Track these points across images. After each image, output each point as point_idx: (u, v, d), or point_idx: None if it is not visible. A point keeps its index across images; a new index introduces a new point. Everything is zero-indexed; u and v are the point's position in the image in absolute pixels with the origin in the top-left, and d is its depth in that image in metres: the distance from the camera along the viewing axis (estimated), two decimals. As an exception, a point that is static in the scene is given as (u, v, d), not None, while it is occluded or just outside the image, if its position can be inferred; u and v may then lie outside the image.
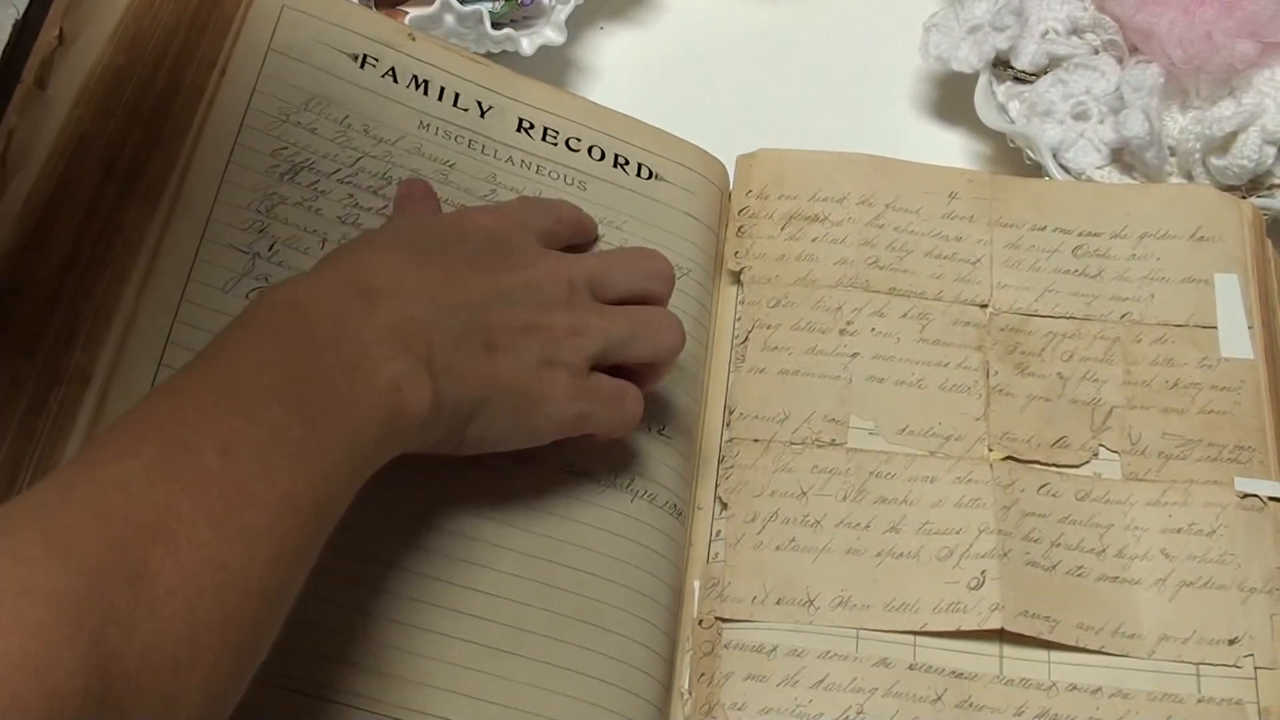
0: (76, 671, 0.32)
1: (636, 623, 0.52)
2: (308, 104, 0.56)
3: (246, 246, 0.53)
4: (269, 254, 0.53)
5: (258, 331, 0.43)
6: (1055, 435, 0.58)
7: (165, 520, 0.36)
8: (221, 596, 0.36)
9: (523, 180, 0.60)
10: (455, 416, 0.46)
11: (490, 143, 0.60)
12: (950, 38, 0.69)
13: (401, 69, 0.59)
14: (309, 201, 0.55)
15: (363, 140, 0.57)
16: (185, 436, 0.38)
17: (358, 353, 0.43)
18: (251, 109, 0.55)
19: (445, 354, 0.46)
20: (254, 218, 0.53)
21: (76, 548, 0.34)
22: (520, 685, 0.49)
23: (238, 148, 0.54)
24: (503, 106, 0.61)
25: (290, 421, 0.40)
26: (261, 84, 0.56)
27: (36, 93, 0.52)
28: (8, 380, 0.47)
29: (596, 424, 0.51)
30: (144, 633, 0.34)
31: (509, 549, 0.51)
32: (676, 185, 0.62)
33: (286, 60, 0.57)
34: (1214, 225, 0.63)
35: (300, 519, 0.39)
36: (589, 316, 0.51)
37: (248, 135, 0.55)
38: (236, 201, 0.53)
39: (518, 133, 0.61)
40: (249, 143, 0.54)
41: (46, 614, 0.32)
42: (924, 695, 0.52)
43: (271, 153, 0.55)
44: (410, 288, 0.46)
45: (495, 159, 0.60)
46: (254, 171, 0.54)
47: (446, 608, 0.50)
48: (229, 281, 0.52)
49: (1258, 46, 0.66)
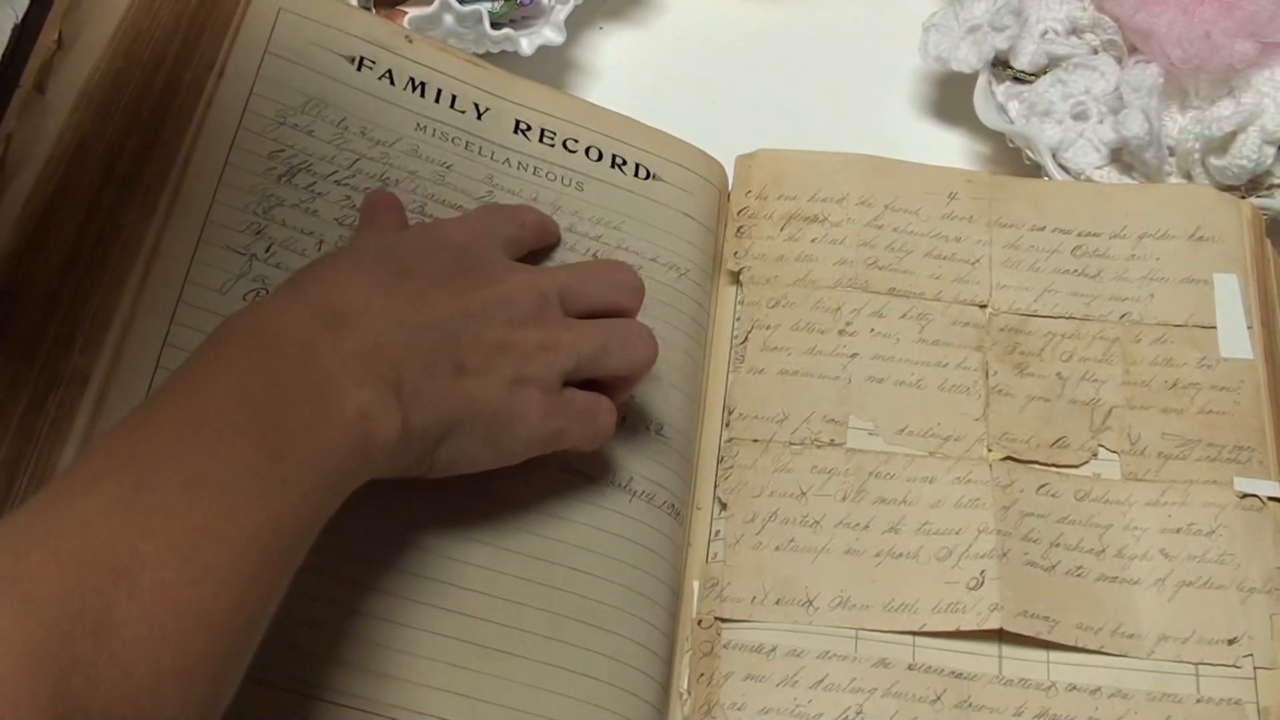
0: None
1: (634, 623, 0.52)
2: (305, 106, 0.57)
3: (243, 248, 0.53)
4: (266, 255, 0.53)
5: (222, 360, 0.42)
6: (1054, 435, 0.58)
7: (127, 564, 0.35)
8: (186, 641, 0.35)
9: (520, 182, 0.60)
10: (425, 441, 0.46)
11: (487, 144, 0.60)
12: (949, 37, 0.69)
13: (399, 71, 0.59)
14: (306, 203, 0.55)
15: (360, 142, 0.57)
16: (147, 474, 0.37)
17: (324, 381, 0.42)
18: (249, 111, 0.55)
19: (414, 379, 0.45)
20: (251, 219, 0.53)
21: (36, 595, 0.33)
22: (517, 685, 0.49)
23: (235, 149, 0.54)
24: (500, 108, 0.61)
25: (255, 456, 0.39)
26: (259, 86, 0.56)
27: (35, 96, 0.52)
28: (6, 382, 0.48)
29: (570, 440, 0.51)
30: (108, 682, 0.33)
31: (506, 549, 0.52)
32: (674, 185, 0.62)
33: (283, 63, 0.57)
34: (1213, 225, 0.62)
35: (265, 556, 0.38)
36: (560, 331, 0.50)
37: (245, 137, 0.55)
38: (234, 203, 0.53)
39: (515, 134, 0.61)
40: (246, 145, 0.54)
41: (5, 666, 0.32)
42: (923, 695, 0.52)
43: (269, 155, 0.55)
44: (377, 311, 0.45)
45: (492, 160, 0.60)
46: (251, 173, 0.54)
47: (443, 608, 0.50)
48: (226, 283, 0.52)
49: (1257, 46, 0.66)
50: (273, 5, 0.58)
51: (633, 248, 0.60)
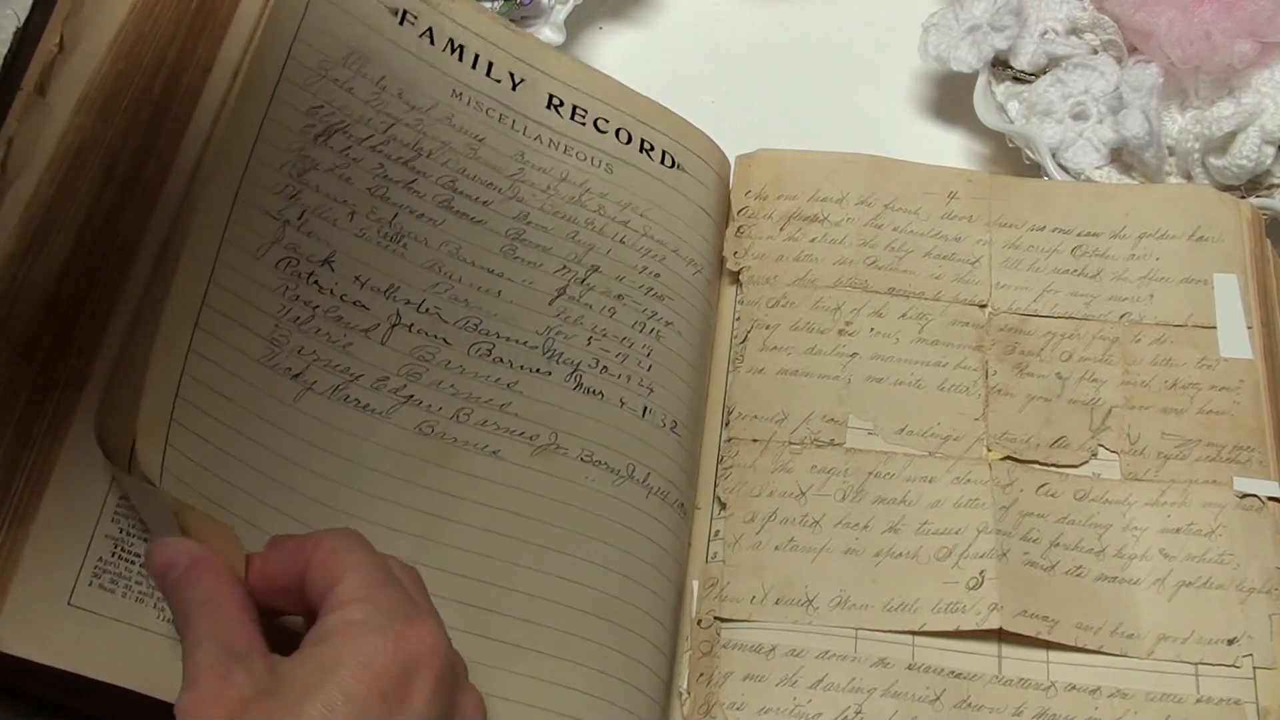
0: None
1: (646, 619, 0.52)
2: (346, 59, 0.55)
3: (278, 212, 0.51)
4: (299, 222, 0.52)
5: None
6: (1054, 435, 0.58)
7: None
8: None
9: (550, 160, 0.59)
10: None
11: (521, 118, 0.59)
12: (949, 37, 0.69)
13: (439, 30, 0.59)
14: (340, 169, 0.54)
15: (396, 105, 0.56)
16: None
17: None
18: (291, 59, 0.54)
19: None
20: (286, 181, 0.52)
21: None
22: (533, 680, 0.49)
23: (275, 102, 0.53)
24: (534, 80, 0.61)
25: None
26: (303, 32, 0.54)
27: (37, 99, 0.52)
28: (5, 384, 0.48)
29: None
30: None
31: (524, 541, 0.51)
32: (694, 177, 0.62)
33: (329, 7, 0.56)
34: (1213, 225, 0.63)
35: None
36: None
37: (286, 89, 0.53)
38: (271, 161, 0.52)
39: (547, 109, 0.60)
40: (287, 96, 0.53)
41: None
42: (923, 695, 0.52)
43: (308, 110, 0.54)
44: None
45: (525, 136, 0.59)
46: (289, 130, 0.53)
47: (459, 601, 0.49)
48: (260, 248, 0.51)
49: (1256, 46, 0.66)
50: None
51: (657, 237, 0.60)
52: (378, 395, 0.51)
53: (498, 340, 0.55)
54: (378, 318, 0.53)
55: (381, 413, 0.51)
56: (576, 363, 0.55)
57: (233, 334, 0.49)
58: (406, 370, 0.52)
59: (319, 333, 0.51)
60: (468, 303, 0.55)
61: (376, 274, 0.53)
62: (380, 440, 0.51)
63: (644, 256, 0.59)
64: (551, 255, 0.57)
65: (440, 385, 0.53)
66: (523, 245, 0.57)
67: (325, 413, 0.50)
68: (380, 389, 0.51)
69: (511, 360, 0.54)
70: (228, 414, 0.48)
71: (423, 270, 0.54)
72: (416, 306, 0.54)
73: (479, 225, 0.56)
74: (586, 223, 0.59)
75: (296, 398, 0.50)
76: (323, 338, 0.51)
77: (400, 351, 0.52)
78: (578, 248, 0.58)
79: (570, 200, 0.59)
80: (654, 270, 0.59)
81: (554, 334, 0.56)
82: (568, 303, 0.56)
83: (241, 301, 0.49)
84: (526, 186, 0.58)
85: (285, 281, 0.51)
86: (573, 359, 0.55)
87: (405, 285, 0.54)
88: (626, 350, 0.57)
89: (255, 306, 0.50)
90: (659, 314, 0.58)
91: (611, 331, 0.57)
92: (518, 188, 0.58)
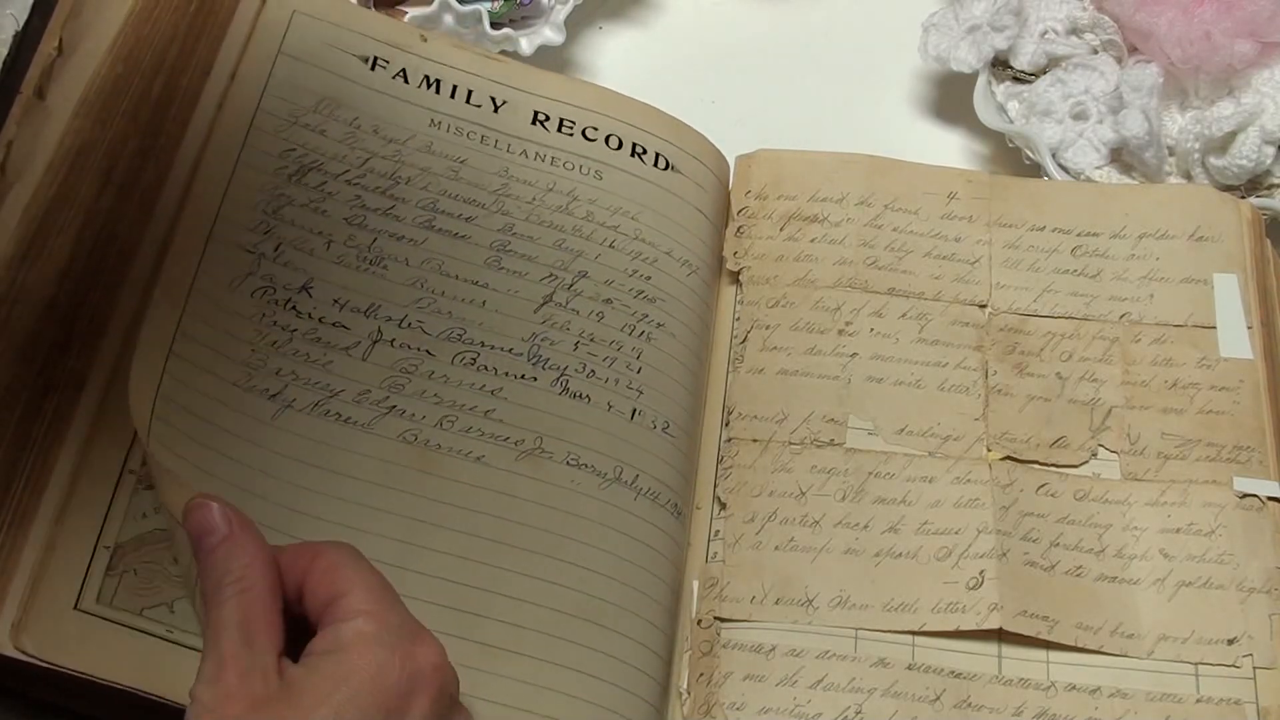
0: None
1: (636, 621, 0.52)
2: (317, 106, 0.57)
3: (253, 246, 0.53)
4: (275, 254, 0.53)
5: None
6: (1054, 435, 0.58)
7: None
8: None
9: (535, 172, 0.59)
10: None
11: (503, 137, 0.60)
12: (949, 37, 0.69)
13: (413, 70, 0.59)
14: (316, 203, 0.55)
15: (372, 140, 0.57)
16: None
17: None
18: (261, 111, 0.56)
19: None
20: (260, 218, 0.54)
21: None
22: (518, 683, 0.49)
23: (246, 149, 0.55)
24: (517, 100, 0.61)
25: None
26: (272, 87, 0.56)
27: (36, 103, 0.52)
28: (4, 386, 0.48)
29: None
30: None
31: (509, 544, 0.52)
32: (690, 179, 0.62)
33: (297, 64, 0.57)
34: (1213, 225, 0.62)
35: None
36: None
37: (257, 137, 0.55)
38: (244, 201, 0.54)
39: (533, 125, 0.61)
40: (258, 144, 0.55)
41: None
42: (922, 695, 0.52)
43: (280, 154, 0.55)
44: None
45: (508, 153, 0.60)
46: (262, 172, 0.54)
47: (443, 605, 0.50)
48: (235, 280, 0.52)
49: (1256, 46, 0.66)
50: (287, 7, 0.58)
51: (649, 239, 0.60)
52: (358, 408, 0.52)
53: (482, 349, 0.55)
54: (358, 336, 0.54)
55: (363, 424, 0.52)
56: (563, 367, 0.55)
57: (208, 360, 0.51)
58: (389, 383, 0.53)
59: (297, 354, 0.52)
60: (451, 314, 0.55)
61: (356, 295, 0.54)
62: (363, 450, 0.52)
63: (635, 260, 0.59)
64: (537, 264, 0.58)
65: (424, 395, 0.53)
66: (507, 256, 0.57)
67: (305, 428, 0.51)
68: (362, 402, 0.52)
69: (496, 368, 0.55)
70: (204, 434, 0.49)
71: (404, 288, 0.55)
72: (398, 322, 0.54)
73: (462, 240, 0.57)
74: (574, 230, 0.59)
75: (275, 416, 0.51)
76: (300, 358, 0.52)
77: (382, 365, 0.53)
78: (564, 255, 0.58)
79: (557, 209, 0.59)
80: (645, 273, 0.59)
81: (540, 340, 0.56)
82: (554, 309, 0.57)
83: (216, 330, 0.51)
84: (511, 200, 0.59)
85: (262, 309, 0.53)
86: (559, 364, 0.56)
87: (386, 303, 0.55)
88: (615, 353, 0.57)
89: (231, 334, 0.52)
90: (650, 316, 0.58)
91: (599, 335, 0.57)
92: (502, 202, 0.58)
